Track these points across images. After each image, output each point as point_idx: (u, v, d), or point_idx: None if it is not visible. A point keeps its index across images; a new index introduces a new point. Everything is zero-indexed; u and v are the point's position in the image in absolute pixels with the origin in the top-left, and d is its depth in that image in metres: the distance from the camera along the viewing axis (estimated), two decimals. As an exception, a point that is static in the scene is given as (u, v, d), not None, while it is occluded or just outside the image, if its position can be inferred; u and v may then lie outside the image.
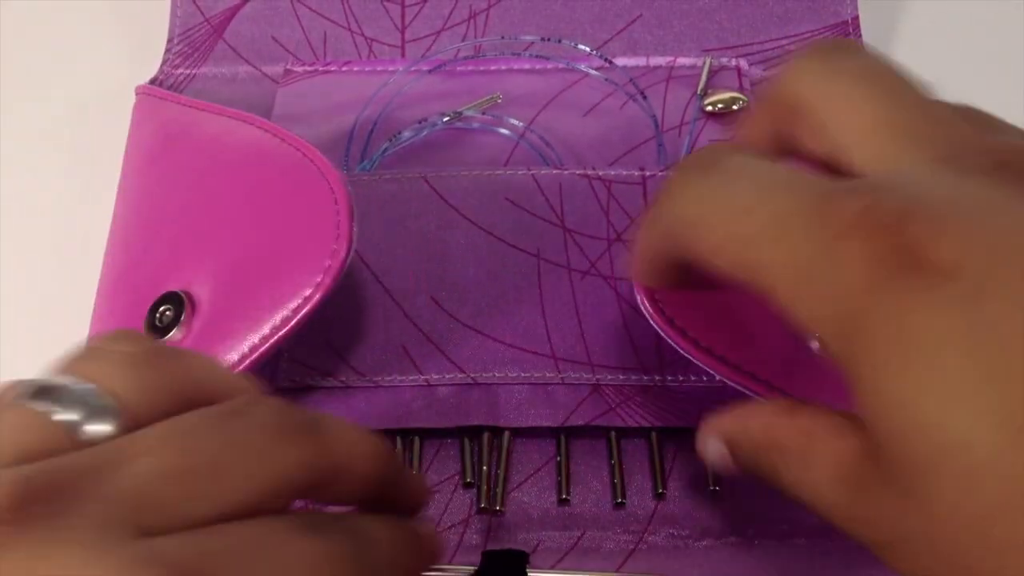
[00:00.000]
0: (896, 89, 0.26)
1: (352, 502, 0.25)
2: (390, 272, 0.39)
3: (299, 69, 0.47)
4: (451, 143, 0.43)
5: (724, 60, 0.46)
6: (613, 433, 0.36)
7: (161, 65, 0.47)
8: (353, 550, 0.22)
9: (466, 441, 0.36)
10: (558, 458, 0.36)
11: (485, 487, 0.35)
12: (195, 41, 0.48)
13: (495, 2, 0.48)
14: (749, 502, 0.35)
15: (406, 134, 0.43)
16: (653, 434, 0.36)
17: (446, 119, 0.43)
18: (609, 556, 0.35)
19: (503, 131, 0.43)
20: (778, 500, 0.35)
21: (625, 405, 0.36)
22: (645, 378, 0.37)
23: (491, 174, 0.41)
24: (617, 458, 0.36)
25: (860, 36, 0.47)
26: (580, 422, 0.36)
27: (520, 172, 0.41)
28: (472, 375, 0.37)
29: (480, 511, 0.35)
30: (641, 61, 0.46)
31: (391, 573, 0.24)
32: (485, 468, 0.36)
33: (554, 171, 0.41)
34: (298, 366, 0.37)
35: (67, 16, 0.51)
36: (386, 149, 0.43)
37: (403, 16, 0.48)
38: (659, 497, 0.35)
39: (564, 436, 0.36)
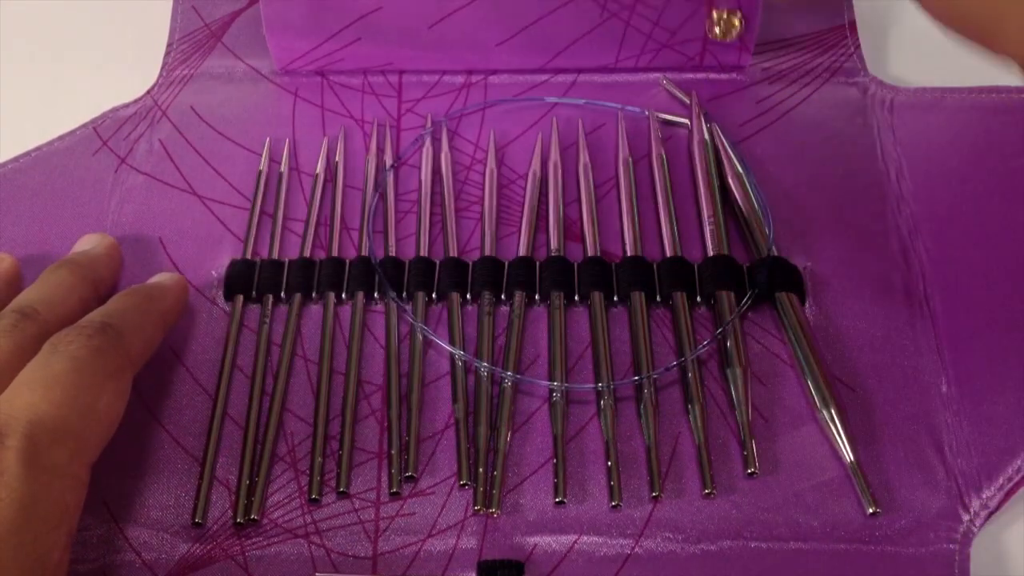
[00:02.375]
0: None
1: None
2: None
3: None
4: None
5: None
6: (611, 434, 0.36)
7: (160, 69, 0.48)
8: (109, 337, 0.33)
9: (463, 442, 0.36)
10: (555, 460, 0.36)
11: (481, 489, 0.35)
12: (194, 45, 0.48)
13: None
14: (745, 505, 0.35)
15: None
16: (651, 437, 0.36)
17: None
18: (605, 560, 0.34)
19: None
20: (774, 503, 0.35)
21: None
22: None
23: None
24: (614, 460, 0.36)
25: (857, 39, 0.47)
26: None
27: None
28: None
29: (476, 513, 0.35)
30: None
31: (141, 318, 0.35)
32: (481, 470, 0.36)
33: None
34: None
35: (65, 22, 0.51)
36: None
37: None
38: (655, 499, 0.35)
39: (561, 438, 0.36)
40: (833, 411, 0.36)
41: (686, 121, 0.45)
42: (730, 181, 0.42)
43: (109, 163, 0.44)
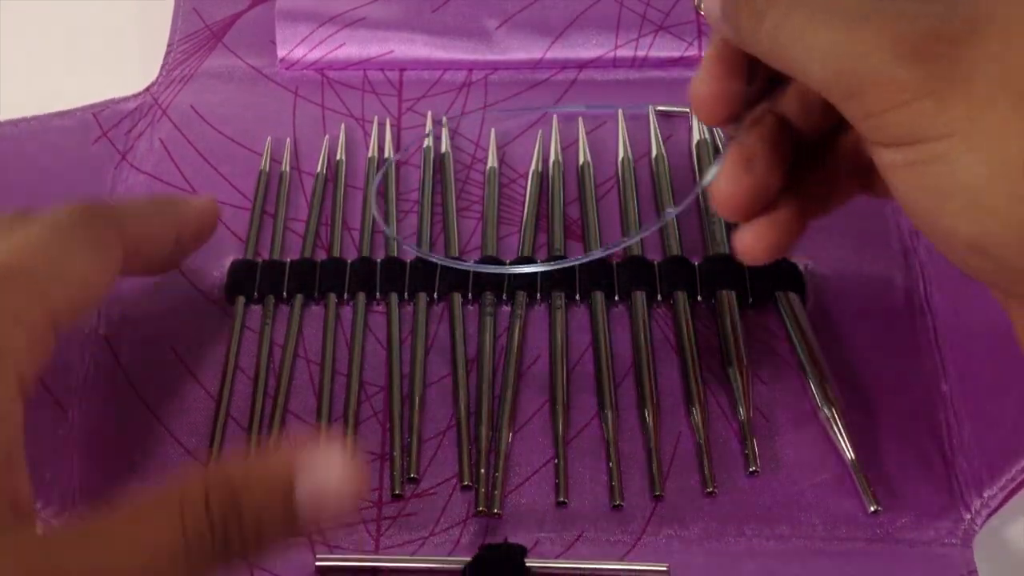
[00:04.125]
0: None
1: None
2: None
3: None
4: None
5: None
6: (612, 434, 0.36)
7: (160, 69, 0.48)
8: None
9: (464, 443, 0.36)
10: (556, 460, 0.36)
11: (483, 490, 0.35)
12: (194, 45, 0.48)
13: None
14: (746, 504, 0.35)
15: None
16: (652, 437, 0.36)
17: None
18: (606, 558, 0.35)
19: None
20: (775, 501, 0.35)
21: None
22: None
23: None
24: (615, 460, 0.36)
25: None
26: None
27: None
28: None
29: (478, 514, 0.35)
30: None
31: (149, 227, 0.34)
32: (483, 471, 0.36)
33: None
34: None
35: (65, 23, 0.51)
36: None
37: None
38: (657, 499, 0.35)
39: (563, 438, 0.36)
40: (834, 409, 0.36)
41: (686, 110, 0.45)
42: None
43: (109, 157, 0.44)
